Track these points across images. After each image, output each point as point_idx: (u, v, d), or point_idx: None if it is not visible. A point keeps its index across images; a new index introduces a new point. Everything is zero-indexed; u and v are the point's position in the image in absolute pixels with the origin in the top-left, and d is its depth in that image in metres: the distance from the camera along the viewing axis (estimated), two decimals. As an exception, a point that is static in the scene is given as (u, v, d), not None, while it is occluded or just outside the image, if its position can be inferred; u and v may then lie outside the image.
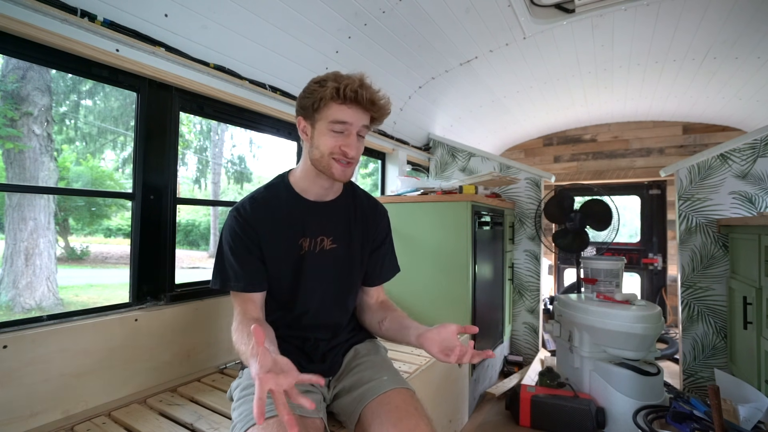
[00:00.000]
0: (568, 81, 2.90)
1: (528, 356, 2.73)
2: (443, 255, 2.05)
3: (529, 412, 1.89)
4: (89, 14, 1.13)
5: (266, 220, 0.98)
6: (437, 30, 2.03)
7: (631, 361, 1.85)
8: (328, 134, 0.93)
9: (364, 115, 0.94)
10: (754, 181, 2.14)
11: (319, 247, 1.01)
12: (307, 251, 1.00)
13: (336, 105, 0.91)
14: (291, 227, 0.99)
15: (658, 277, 3.74)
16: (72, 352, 1.08)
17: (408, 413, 0.88)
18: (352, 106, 0.92)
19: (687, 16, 2.03)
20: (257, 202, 0.99)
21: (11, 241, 5.85)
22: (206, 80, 1.47)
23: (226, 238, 0.97)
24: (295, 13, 1.58)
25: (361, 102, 0.91)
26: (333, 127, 0.92)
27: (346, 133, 0.93)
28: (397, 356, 1.61)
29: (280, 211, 0.99)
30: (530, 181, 2.79)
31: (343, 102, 0.91)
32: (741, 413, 1.47)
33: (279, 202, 1.00)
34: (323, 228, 1.02)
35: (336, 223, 1.04)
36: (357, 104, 0.92)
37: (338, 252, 1.04)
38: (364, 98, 0.91)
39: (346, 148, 0.93)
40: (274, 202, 1.00)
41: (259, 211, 0.98)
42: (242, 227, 0.96)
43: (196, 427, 1.03)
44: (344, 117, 0.92)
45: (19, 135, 5.72)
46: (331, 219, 1.04)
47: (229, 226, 0.98)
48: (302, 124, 0.97)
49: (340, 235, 1.04)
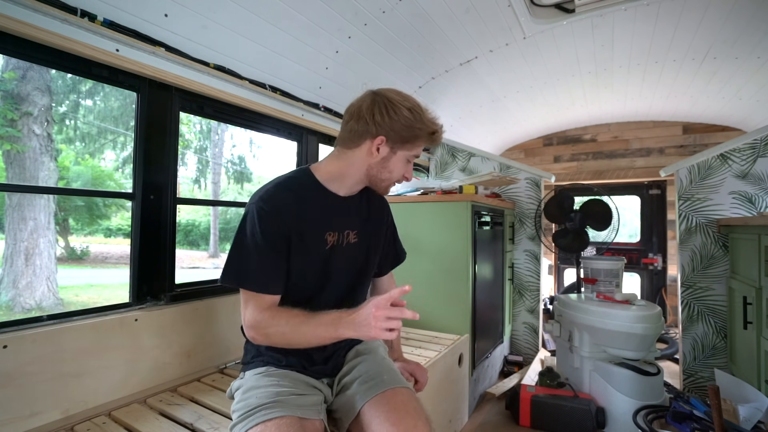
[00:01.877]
0: (568, 81, 2.90)
1: (528, 356, 2.73)
2: (443, 255, 2.05)
3: (529, 412, 1.89)
4: (89, 14, 1.13)
5: (294, 208, 0.94)
6: (437, 30, 2.03)
7: (631, 361, 1.85)
8: (404, 162, 1.02)
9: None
10: (754, 181, 2.14)
11: (345, 240, 1.03)
12: (334, 245, 1.00)
13: (423, 143, 1.01)
14: (318, 220, 0.98)
15: (658, 277, 3.74)
16: (72, 352, 1.08)
17: (407, 413, 0.89)
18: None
19: (687, 16, 2.03)
20: (284, 190, 0.95)
21: (11, 241, 5.85)
22: (206, 80, 1.47)
23: (250, 230, 0.91)
24: (295, 13, 1.58)
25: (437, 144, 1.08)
26: (410, 158, 1.02)
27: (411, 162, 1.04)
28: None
29: (308, 202, 0.97)
30: (530, 181, 2.79)
31: (428, 143, 1.02)
32: (741, 413, 1.47)
33: (306, 192, 0.98)
34: (347, 222, 1.04)
35: (355, 217, 1.07)
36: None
37: (361, 245, 1.07)
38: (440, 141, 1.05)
39: (409, 175, 1.05)
40: (301, 192, 0.97)
41: (287, 198, 0.94)
42: (270, 218, 0.91)
43: (196, 427, 1.03)
44: (418, 153, 1.04)
45: (18, 135, 5.72)
46: (351, 213, 1.06)
47: (252, 217, 0.91)
48: (379, 141, 0.96)
49: (361, 229, 1.07)
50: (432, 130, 0.98)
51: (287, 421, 0.80)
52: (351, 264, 1.05)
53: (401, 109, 0.95)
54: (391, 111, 0.95)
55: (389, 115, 0.95)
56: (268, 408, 0.83)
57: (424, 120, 0.97)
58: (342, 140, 1.01)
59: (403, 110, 0.95)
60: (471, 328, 1.99)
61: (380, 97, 0.96)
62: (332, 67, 1.95)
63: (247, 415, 0.83)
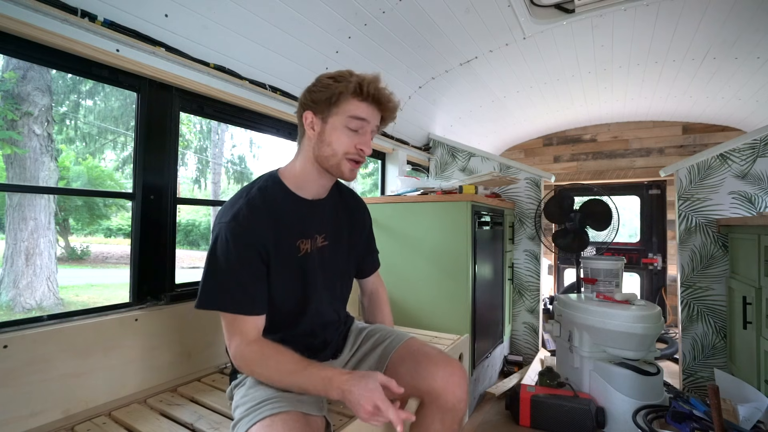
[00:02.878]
0: (567, 81, 2.90)
1: (528, 356, 2.73)
2: (443, 255, 2.05)
3: (529, 412, 1.89)
4: (89, 14, 1.13)
5: (268, 224, 0.91)
6: (437, 30, 2.03)
7: (631, 360, 1.85)
8: (344, 131, 0.91)
9: (378, 114, 0.95)
10: (753, 181, 2.14)
11: (313, 246, 1.00)
12: (307, 252, 0.98)
13: (356, 101, 0.90)
14: (290, 229, 0.95)
15: (658, 277, 3.74)
16: (72, 352, 1.08)
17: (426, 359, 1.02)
18: (371, 103, 0.92)
19: (687, 16, 2.03)
20: (257, 209, 0.90)
21: (12, 241, 5.85)
22: (206, 80, 1.47)
23: (223, 251, 0.86)
24: (295, 13, 1.58)
25: (380, 100, 0.91)
26: (350, 123, 0.90)
27: (362, 131, 0.92)
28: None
29: (280, 214, 0.94)
30: (530, 181, 2.79)
31: (364, 99, 0.90)
32: (740, 413, 1.47)
33: (277, 204, 0.94)
34: (317, 226, 1.01)
35: (327, 220, 1.04)
36: (375, 102, 0.92)
37: (331, 248, 1.05)
38: (383, 96, 0.91)
39: (363, 146, 0.92)
40: (273, 206, 0.93)
41: (260, 214, 0.90)
42: (244, 238, 0.87)
43: (197, 427, 1.03)
44: (363, 114, 0.91)
45: (19, 138, 5.71)
46: (323, 217, 1.04)
47: (225, 239, 0.86)
48: (310, 118, 0.93)
49: (331, 232, 1.05)
50: (356, 81, 0.88)
51: (293, 416, 0.80)
52: (327, 267, 1.04)
53: (321, 79, 0.93)
54: (312, 85, 0.94)
55: (310, 88, 0.94)
56: (274, 402, 0.82)
57: (345, 76, 0.90)
58: (297, 139, 1.02)
59: (323, 79, 0.92)
60: (471, 328, 1.99)
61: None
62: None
63: (253, 408, 0.82)
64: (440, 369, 0.99)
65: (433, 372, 0.98)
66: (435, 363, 1.00)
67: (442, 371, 0.98)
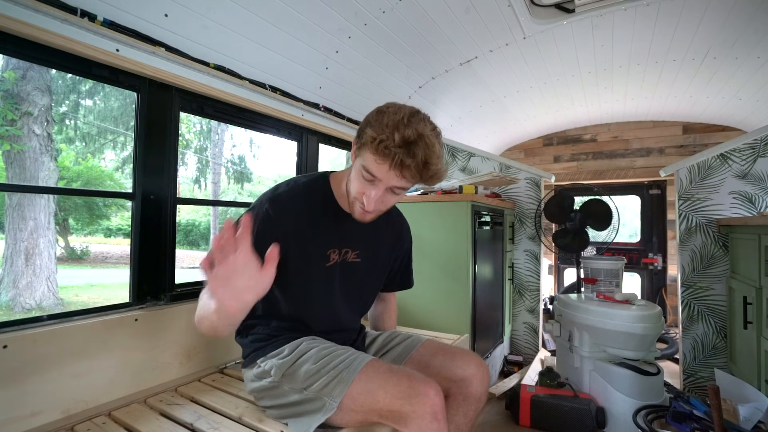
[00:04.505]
0: (568, 81, 2.90)
1: (528, 356, 2.73)
2: (443, 255, 2.05)
3: (529, 412, 1.89)
4: (89, 14, 1.13)
5: (300, 220, 0.94)
6: (437, 30, 2.03)
7: (631, 360, 1.85)
8: (359, 176, 0.86)
9: (401, 178, 0.82)
10: (754, 181, 2.14)
11: (342, 258, 1.04)
12: (336, 262, 1.02)
13: (373, 156, 0.81)
14: (322, 235, 0.98)
15: (658, 277, 3.74)
16: (72, 352, 1.08)
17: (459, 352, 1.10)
18: (394, 168, 0.80)
19: (687, 16, 2.03)
20: (298, 198, 0.95)
21: (11, 241, 5.86)
22: (206, 80, 1.47)
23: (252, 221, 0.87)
24: (295, 13, 1.58)
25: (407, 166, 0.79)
26: (363, 172, 0.85)
27: (372, 185, 0.86)
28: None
29: (317, 215, 0.97)
30: (530, 181, 2.79)
31: (383, 159, 0.80)
32: (741, 413, 1.47)
33: (318, 205, 0.98)
34: (350, 240, 1.04)
35: (362, 236, 1.06)
36: (398, 167, 0.80)
37: (362, 265, 1.08)
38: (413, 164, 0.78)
39: (366, 200, 0.86)
40: (313, 204, 0.97)
41: (298, 207, 0.94)
42: (269, 223, 0.91)
43: (197, 427, 1.03)
44: (376, 172, 0.82)
45: (19, 135, 5.71)
46: (360, 232, 1.05)
47: (255, 215, 0.91)
48: (353, 147, 0.90)
49: (365, 248, 1.07)
50: (380, 139, 0.77)
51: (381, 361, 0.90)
52: (352, 280, 1.08)
53: (371, 114, 0.85)
54: (367, 114, 0.87)
55: (365, 118, 0.87)
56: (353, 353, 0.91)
57: (382, 122, 0.80)
58: None
59: (372, 113, 0.85)
60: (471, 328, 1.99)
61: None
62: (332, 67, 1.95)
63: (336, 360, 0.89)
64: (473, 360, 1.07)
65: (467, 361, 1.06)
66: (466, 356, 1.08)
67: (475, 362, 1.07)
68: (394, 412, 0.81)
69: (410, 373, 0.86)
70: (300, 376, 0.91)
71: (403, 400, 0.81)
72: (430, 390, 0.82)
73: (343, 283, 1.05)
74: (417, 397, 0.80)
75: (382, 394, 0.82)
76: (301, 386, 0.91)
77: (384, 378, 0.84)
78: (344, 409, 0.85)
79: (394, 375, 0.85)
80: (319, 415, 0.86)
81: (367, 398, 0.83)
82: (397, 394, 0.81)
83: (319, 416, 0.86)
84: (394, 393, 0.82)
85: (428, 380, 0.84)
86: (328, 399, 0.86)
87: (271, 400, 0.99)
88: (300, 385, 0.91)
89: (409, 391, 0.81)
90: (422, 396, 0.81)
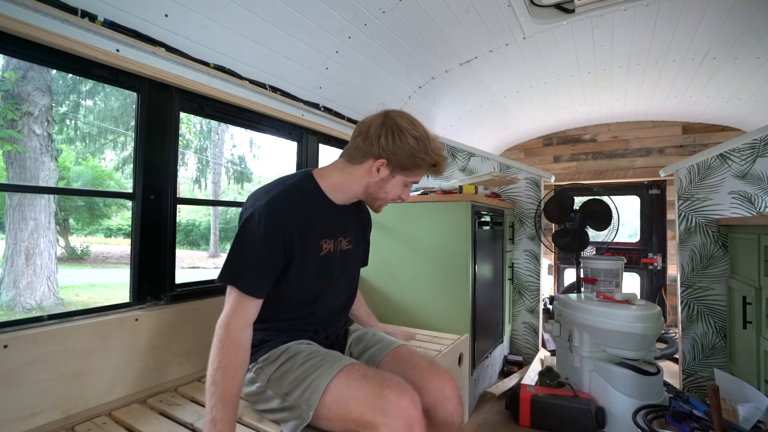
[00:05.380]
0: (567, 81, 2.90)
1: (528, 356, 2.73)
2: (443, 255, 2.05)
3: (529, 412, 1.89)
4: (89, 14, 1.13)
5: (298, 218, 0.96)
6: (437, 30, 2.03)
7: (631, 360, 1.85)
8: (401, 186, 1.04)
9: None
10: (753, 181, 2.14)
11: (338, 247, 1.08)
12: (330, 252, 1.05)
13: (424, 172, 1.04)
14: (316, 228, 1.01)
15: (658, 276, 3.74)
16: (72, 352, 1.08)
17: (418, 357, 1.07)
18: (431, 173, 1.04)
19: (687, 16, 2.03)
20: (291, 199, 0.97)
21: (12, 241, 5.86)
22: (206, 80, 1.47)
23: (251, 237, 0.90)
24: (295, 13, 1.58)
25: (437, 171, 1.03)
26: (408, 183, 1.05)
27: (410, 185, 1.07)
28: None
29: (310, 211, 1.00)
30: (530, 181, 2.79)
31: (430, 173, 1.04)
32: (740, 413, 1.48)
33: (309, 201, 1.01)
34: (341, 229, 1.09)
35: (349, 224, 1.12)
36: (434, 172, 1.04)
37: (352, 251, 1.14)
38: (444, 168, 1.04)
39: (405, 197, 1.07)
40: (305, 202, 1.00)
41: (293, 207, 0.96)
42: (275, 226, 0.92)
43: (197, 427, 1.03)
44: (420, 180, 1.06)
45: (19, 137, 5.72)
46: (346, 221, 1.11)
47: (256, 225, 0.91)
48: (380, 164, 0.98)
49: (353, 235, 1.14)
50: (434, 162, 1.00)
51: (357, 366, 0.90)
52: (345, 269, 1.12)
53: (407, 137, 0.96)
54: (396, 137, 0.96)
55: (394, 140, 0.96)
56: (331, 360, 0.91)
57: (428, 150, 0.98)
58: (347, 154, 1.03)
59: (408, 138, 0.96)
60: (471, 328, 1.99)
61: (390, 121, 0.97)
62: (332, 67, 1.95)
63: (314, 368, 0.90)
64: (430, 381, 0.99)
65: (421, 384, 0.97)
66: (424, 375, 1.00)
67: (432, 383, 0.99)
68: (368, 423, 0.78)
69: (385, 379, 0.83)
70: (283, 383, 0.92)
71: (374, 411, 0.78)
72: (403, 400, 0.79)
73: (338, 271, 1.09)
74: (389, 408, 0.78)
75: (354, 403, 0.80)
76: (283, 392, 0.91)
77: (356, 386, 0.82)
78: (321, 417, 0.84)
79: (368, 381, 0.83)
80: (298, 421, 0.86)
81: (341, 407, 0.82)
82: (368, 404, 0.79)
83: (299, 423, 0.86)
84: (365, 403, 0.79)
85: (404, 388, 0.81)
86: (305, 407, 0.85)
87: (261, 405, 1.00)
88: (282, 391, 0.92)
89: (381, 401, 0.78)
90: (394, 407, 0.78)
